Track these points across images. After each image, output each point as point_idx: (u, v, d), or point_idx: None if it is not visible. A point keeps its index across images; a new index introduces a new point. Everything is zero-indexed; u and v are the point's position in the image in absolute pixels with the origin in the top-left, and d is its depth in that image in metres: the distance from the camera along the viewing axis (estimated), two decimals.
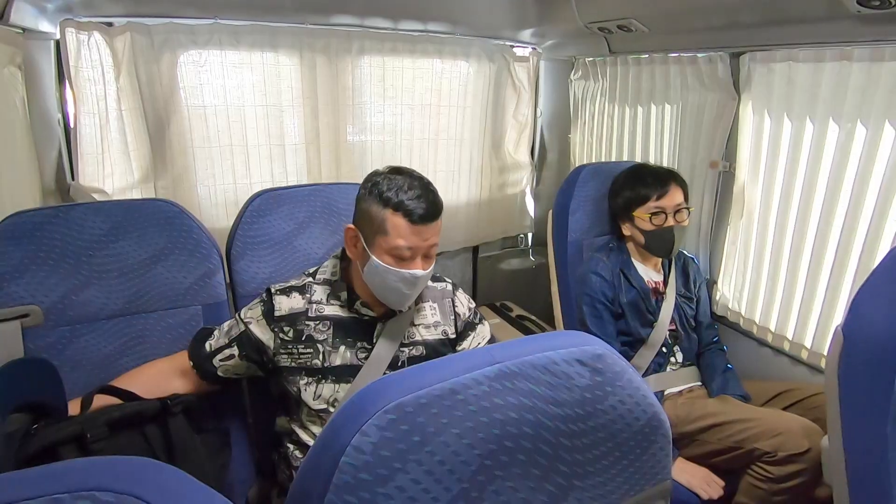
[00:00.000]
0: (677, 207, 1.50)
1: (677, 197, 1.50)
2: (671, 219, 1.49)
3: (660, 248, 1.53)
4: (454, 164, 2.13)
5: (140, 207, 1.15)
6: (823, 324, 1.40)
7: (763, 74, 1.48)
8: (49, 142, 1.48)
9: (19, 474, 0.38)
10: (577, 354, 0.55)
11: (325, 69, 1.76)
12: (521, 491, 0.52)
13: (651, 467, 0.60)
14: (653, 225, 1.50)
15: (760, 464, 1.20)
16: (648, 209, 1.50)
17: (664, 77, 1.78)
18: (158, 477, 0.41)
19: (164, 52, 1.52)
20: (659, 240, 1.51)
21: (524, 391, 0.51)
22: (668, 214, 1.49)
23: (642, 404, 0.58)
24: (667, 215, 1.49)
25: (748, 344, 1.67)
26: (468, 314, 1.19)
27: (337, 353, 1.07)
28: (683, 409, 1.39)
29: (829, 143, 1.33)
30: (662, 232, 1.50)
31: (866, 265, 1.26)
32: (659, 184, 1.50)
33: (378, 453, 0.46)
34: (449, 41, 1.95)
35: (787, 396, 1.41)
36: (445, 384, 0.49)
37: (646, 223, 1.51)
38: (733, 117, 1.59)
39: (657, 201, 1.50)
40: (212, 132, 1.66)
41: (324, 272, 1.14)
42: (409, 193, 0.98)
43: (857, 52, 1.22)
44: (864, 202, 1.27)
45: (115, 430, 0.92)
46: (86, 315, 1.10)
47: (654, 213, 1.50)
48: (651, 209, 1.50)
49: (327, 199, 1.33)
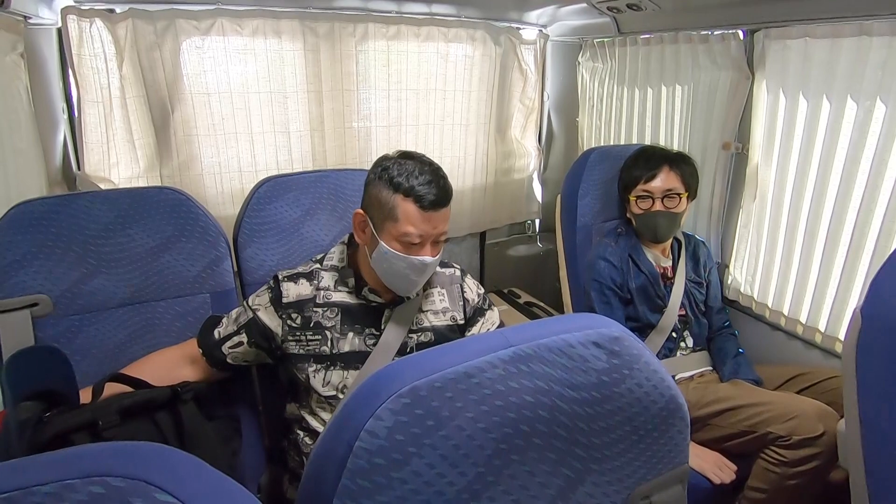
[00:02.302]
0: (666, 193, 1.47)
1: (669, 181, 1.48)
2: (658, 203, 1.47)
3: (647, 233, 1.52)
4: (460, 149, 2.10)
5: (146, 195, 1.15)
6: (838, 307, 1.38)
7: (778, 52, 1.44)
8: (53, 131, 1.47)
9: (30, 460, 0.38)
10: (593, 337, 0.53)
11: (329, 54, 1.74)
12: (538, 475, 0.51)
13: (669, 451, 0.59)
14: (640, 209, 1.50)
15: (774, 447, 1.19)
16: (637, 192, 1.50)
17: (675, 57, 1.74)
18: (170, 462, 0.41)
19: (167, 38, 1.50)
20: (644, 224, 1.51)
21: (540, 374, 0.50)
22: (656, 199, 1.47)
23: (660, 387, 0.56)
24: (654, 200, 1.47)
25: (760, 328, 1.65)
26: (477, 300, 1.18)
27: (345, 339, 1.07)
28: (695, 393, 1.38)
29: (847, 121, 1.29)
30: (648, 216, 1.49)
31: (884, 247, 1.24)
32: (648, 167, 1.49)
33: (393, 437, 0.45)
34: (454, 24, 1.91)
35: (800, 380, 1.40)
36: (460, 367, 0.48)
37: (635, 206, 1.51)
38: (746, 97, 1.56)
39: (645, 184, 1.49)
40: (216, 119, 1.65)
41: (331, 258, 1.13)
42: (419, 179, 0.97)
43: (877, 26, 1.18)
44: (883, 182, 1.24)
45: (127, 418, 0.92)
46: (95, 304, 1.11)
47: (641, 196, 1.49)
48: (639, 192, 1.49)
49: (334, 186, 1.32)
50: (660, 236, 1.51)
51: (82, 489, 0.35)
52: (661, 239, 1.52)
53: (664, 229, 1.49)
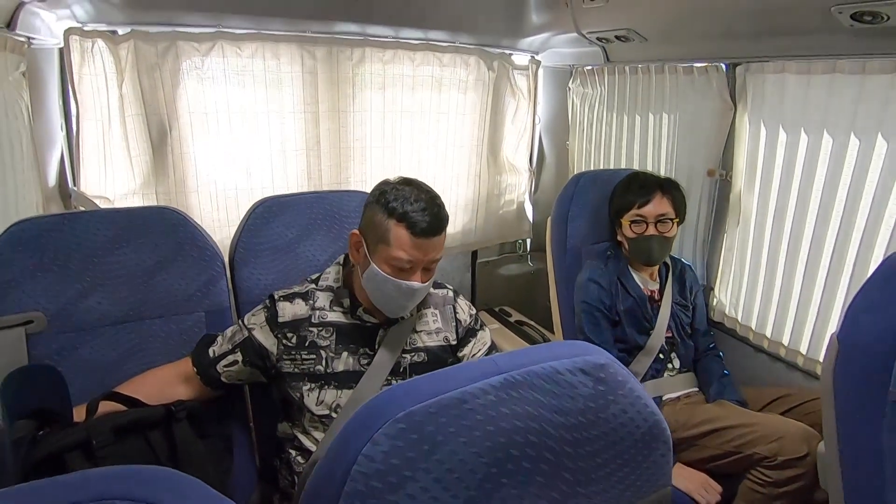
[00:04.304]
0: (660, 217, 1.52)
1: (662, 207, 1.52)
2: (652, 228, 1.52)
3: (639, 256, 1.56)
4: (453, 169, 2.15)
5: (144, 214, 1.16)
6: (819, 330, 1.42)
7: (758, 85, 1.50)
8: (51, 148, 1.48)
9: (35, 485, 0.39)
10: (580, 364, 0.56)
11: (326, 76, 1.78)
12: (526, 498, 0.53)
13: (652, 474, 0.61)
14: (633, 233, 1.54)
15: (759, 468, 1.22)
16: (630, 216, 1.54)
17: (661, 86, 1.80)
18: (173, 485, 0.42)
19: (168, 59, 1.54)
20: (638, 248, 1.55)
21: (529, 400, 0.53)
22: (649, 223, 1.52)
23: (643, 413, 0.59)
24: (647, 224, 1.52)
25: (745, 350, 1.68)
26: (469, 320, 1.20)
27: (339, 359, 1.08)
28: (682, 414, 1.40)
29: (824, 153, 1.35)
30: (641, 240, 1.53)
31: (860, 273, 1.28)
32: (642, 192, 1.54)
33: (389, 462, 0.47)
34: (449, 49, 1.97)
35: (783, 402, 1.43)
36: (454, 393, 0.50)
37: (628, 230, 1.55)
38: (730, 126, 1.61)
39: (639, 209, 1.53)
40: (213, 138, 1.67)
41: (326, 279, 1.15)
42: (414, 206, 0.99)
43: (849, 65, 1.25)
44: (858, 211, 1.29)
45: (121, 437, 0.92)
46: (90, 322, 1.11)
47: (635, 220, 1.53)
48: (632, 217, 1.54)
49: (330, 207, 1.34)
50: (653, 260, 1.55)
51: None
52: (653, 262, 1.56)
53: (657, 253, 1.53)
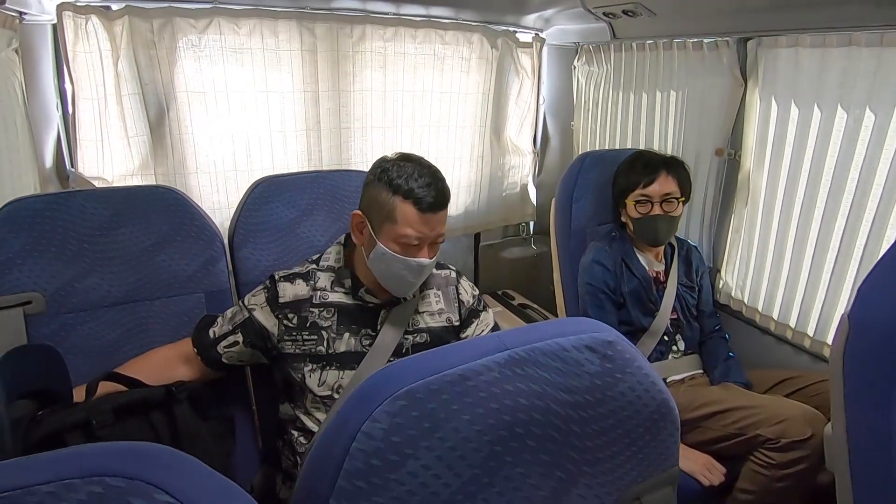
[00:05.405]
0: (665, 197, 1.49)
1: (667, 186, 1.49)
2: (657, 207, 1.49)
3: (645, 236, 1.53)
4: (456, 150, 2.11)
5: (141, 194, 1.15)
6: (827, 312, 1.40)
7: (770, 60, 1.46)
8: (47, 128, 1.46)
9: (29, 459, 0.38)
10: (587, 341, 0.54)
11: (325, 55, 1.74)
12: (532, 477, 0.52)
13: (660, 454, 0.60)
14: (638, 213, 1.51)
15: (763, 450, 1.21)
16: (635, 196, 1.51)
17: (669, 63, 1.76)
18: (169, 462, 0.41)
19: (163, 36, 1.50)
20: (643, 228, 1.52)
21: (534, 378, 0.51)
22: (654, 203, 1.49)
23: (651, 391, 0.57)
24: (652, 204, 1.49)
25: (751, 332, 1.67)
26: (472, 301, 1.19)
27: (341, 339, 1.07)
28: (686, 396, 1.40)
29: (837, 129, 1.31)
30: (646, 220, 1.50)
31: (872, 253, 1.26)
32: (647, 171, 1.50)
33: (389, 439, 0.46)
34: (451, 27, 1.92)
35: (789, 384, 1.41)
36: (456, 370, 0.49)
37: (633, 210, 1.52)
38: (739, 104, 1.57)
39: (643, 189, 1.50)
40: (212, 118, 1.64)
41: (327, 259, 1.13)
42: (418, 181, 0.98)
43: (866, 37, 1.20)
44: (871, 190, 1.26)
45: (121, 417, 0.92)
46: (89, 302, 1.10)
47: (640, 200, 1.51)
48: (637, 196, 1.51)
49: (330, 187, 1.32)
50: (659, 239, 1.52)
51: (82, 489, 0.35)
52: (659, 242, 1.54)
53: (663, 233, 1.51)
